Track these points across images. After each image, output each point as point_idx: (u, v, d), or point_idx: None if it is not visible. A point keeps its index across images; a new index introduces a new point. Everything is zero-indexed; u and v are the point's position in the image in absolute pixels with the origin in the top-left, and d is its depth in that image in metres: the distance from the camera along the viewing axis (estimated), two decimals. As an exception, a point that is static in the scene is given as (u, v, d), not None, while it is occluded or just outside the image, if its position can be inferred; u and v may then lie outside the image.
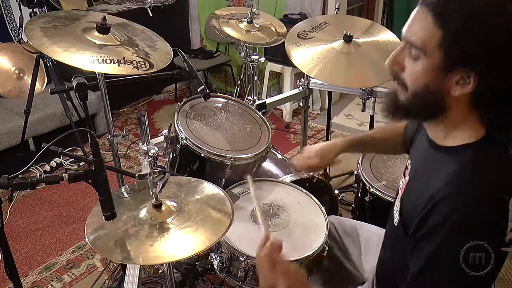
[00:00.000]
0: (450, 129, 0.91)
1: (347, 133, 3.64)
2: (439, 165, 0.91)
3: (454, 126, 0.91)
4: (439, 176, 0.87)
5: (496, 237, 0.83)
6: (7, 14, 3.41)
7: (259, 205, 1.05)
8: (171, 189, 1.19)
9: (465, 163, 0.87)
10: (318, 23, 2.03)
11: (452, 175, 0.86)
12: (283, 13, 3.79)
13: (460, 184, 0.84)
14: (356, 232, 1.49)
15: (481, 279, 0.83)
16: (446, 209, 0.82)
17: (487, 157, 0.88)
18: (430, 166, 0.94)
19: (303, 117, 2.55)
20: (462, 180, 0.85)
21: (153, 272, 2.10)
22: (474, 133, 0.89)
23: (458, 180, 0.85)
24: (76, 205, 2.80)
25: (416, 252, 0.89)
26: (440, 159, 0.92)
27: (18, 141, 2.96)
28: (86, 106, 1.67)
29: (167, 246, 1.01)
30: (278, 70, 3.91)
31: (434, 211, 0.84)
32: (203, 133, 1.67)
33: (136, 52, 1.51)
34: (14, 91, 2.66)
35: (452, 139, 0.91)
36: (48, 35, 1.43)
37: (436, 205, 0.84)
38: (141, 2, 4.01)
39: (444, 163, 0.90)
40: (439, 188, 0.85)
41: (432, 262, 0.86)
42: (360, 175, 1.87)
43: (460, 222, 0.82)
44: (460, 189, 0.84)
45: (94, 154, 0.90)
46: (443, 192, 0.84)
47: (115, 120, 3.91)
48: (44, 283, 2.23)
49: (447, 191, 0.84)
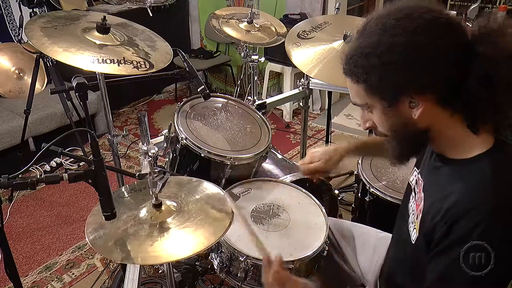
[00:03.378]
0: (452, 141, 0.92)
1: (347, 133, 3.64)
2: (454, 178, 0.90)
3: (457, 139, 0.91)
4: (457, 189, 0.87)
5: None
6: (7, 14, 3.41)
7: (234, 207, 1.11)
8: (171, 189, 1.19)
9: (483, 175, 0.86)
10: (318, 23, 2.03)
11: (472, 188, 0.86)
12: (283, 13, 3.79)
13: (481, 196, 0.84)
14: (352, 235, 1.49)
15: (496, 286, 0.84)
16: (471, 223, 0.82)
17: (502, 166, 0.87)
18: (445, 180, 0.93)
19: (303, 117, 2.55)
20: (482, 191, 0.85)
21: (153, 272, 2.10)
22: (483, 142, 0.89)
23: (480, 193, 0.85)
24: (76, 205, 2.80)
25: (435, 262, 0.89)
26: (454, 172, 0.92)
27: (18, 141, 2.96)
28: (86, 106, 1.67)
29: (167, 246, 1.01)
30: (278, 70, 3.91)
31: (458, 225, 0.84)
32: (203, 133, 1.67)
33: (136, 52, 1.51)
34: (14, 91, 2.66)
35: (461, 151, 0.91)
36: (48, 35, 1.43)
37: (460, 218, 0.84)
38: (141, 2, 4.01)
39: (459, 176, 0.90)
40: (458, 201, 0.85)
41: (454, 271, 0.85)
42: (360, 175, 1.87)
43: (486, 235, 0.81)
44: (481, 201, 0.83)
45: (94, 154, 0.90)
46: (464, 205, 0.84)
47: (115, 120, 3.91)
48: (44, 283, 2.23)
49: (469, 204, 0.84)
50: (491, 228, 0.82)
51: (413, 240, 1.01)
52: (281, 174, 1.88)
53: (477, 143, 0.90)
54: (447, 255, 0.86)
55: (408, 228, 1.05)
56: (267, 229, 1.41)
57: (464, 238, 0.83)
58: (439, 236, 0.88)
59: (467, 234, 0.82)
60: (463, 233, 0.83)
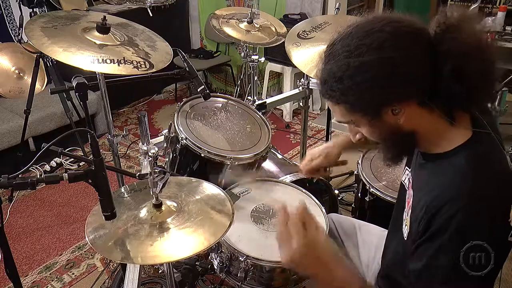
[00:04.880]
0: (433, 137, 0.94)
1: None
2: (435, 172, 0.93)
3: (438, 135, 0.93)
4: (437, 182, 0.90)
5: (497, 237, 0.84)
6: (7, 14, 3.41)
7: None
8: (171, 189, 1.19)
9: (460, 166, 0.88)
10: (318, 23, 2.03)
11: (449, 179, 0.88)
12: (283, 13, 3.79)
13: (459, 188, 0.86)
14: (354, 231, 1.50)
15: (480, 279, 0.84)
16: (449, 213, 0.84)
17: (479, 156, 0.89)
18: (428, 176, 0.96)
19: (303, 117, 2.55)
20: (460, 184, 0.87)
21: (153, 272, 2.10)
22: (461, 135, 0.91)
23: (456, 184, 0.87)
24: (76, 205, 2.80)
25: (417, 254, 0.91)
26: (435, 167, 0.94)
27: (18, 141, 2.96)
28: (86, 106, 1.67)
29: (167, 246, 1.01)
30: (278, 70, 3.91)
31: (437, 216, 0.86)
32: (203, 133, 1.67)
33: (136, 52, 1.51)
34: (14, 91, 2.66)
35: (442, 146, 0.93)
36: (48, 35, 1.43)
37: (439, 210, 0.85)
38: (141, 2, 4.01)
39: (439, 170, 0.92)
40: (439, 194, 0.87)
41: (434, 262, 0.87)
42: (360, 175, 1.87)
43: (463, 224, 0.83)
44: (460, 192, 0.85)
45: (94, 154, 0.90)
46: (443, 197, 0.86)
47: (115, 120, 3.91)
48: (44, 283, 2.23)
49: (447, 196, 0.86)
50: (470, 218, 0.83)
51: (405, 236, 1.03)
52: (281, 174, 1.88)
53: (455, 137, 0.92)
54: (430, 245, 0.88)
55: (402, 225, 1.07)
56: (267, 229, 1.41)
57: (445, 227, 0.84)
58: (422, 229, 0.90)
59: (446, 224, 0.84)
60: (442, 224, 0.85)
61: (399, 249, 1.09)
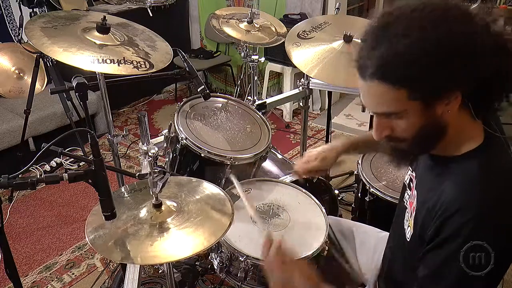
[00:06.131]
0: (456, 139, 0.91)
1: (347, 133, 3.64)
2: (445, 176, 0.91)
3: (458, 136, 0.91)
4: (447, 188, 0.88)
5: (507, 247, 0.84)
6: (7, 14, 3.41)
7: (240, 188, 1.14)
8: (171, 189, 1.19)
9: (473, 173, 0.87)
10: (318, 23, 2.03)
11: (461, 186, 0.86)
12: (283, 13, 3.79)
13: (471, 196, 0.85)
14: (352, 233, 1.50)
15: (487, 285, 0.85)
16: (460, 221, 0.83)
17: (491, 164, 0.88)
18: (436, 179, 0.94)
19: (303, 117, 2.55)
20: (472, 189, 0.85)
21: (153, 272, 2.10)
22: (474, 139, 0.90)
23: (468, 192, 0.85)
24: (76, 205, 2.80)
25: (425, 260, 0.91)
26: (446, 170, 0.92)
27: (18, 141, 2.96)
28: (86, 106, 1.67)
29: (167, 246, 1.01)
30: (278, 70, 3.91)
31: (448, 223, 0.85)
32: (203, 133, 1.67)
33: (136, 52, 1.51)
34: (14, 91, 2.66)
35: (452, 148, 0.91)
36: (48, 35, 1.43)
37: (449, 218, 0.84)
38: (141, 2, 4.01)
39: (450, 174, 0.90)
40: (450, 200, 0.86)
41: (442, 269, 0.86)
42: (360, 175, 1.87)
43: (473, 233, 0.82)
44: (472, 200, 0.84)
45: (94, 154, 0.90)
46: (454, 204, 0.85)
47: (115, 120, 3.91)
48: (44, 283, 2.23)
49: (458, 203, 0.84)
50: (481, 227, 0.82)
51: (408, 238, 1.02)
52: (281, 174, 1.88)
53: (469, 141, 0.90)
54: (439, 253, 0.87)
55: (404, 226, 1.06)
56: (267, 229, 1.41)
57: (455, 235, 0.83)
58: (431, 234, 0.89)
59: (456, 232, 0.83)
60: (454, 231, 0.84)
61: (401, 250, 1.09)
